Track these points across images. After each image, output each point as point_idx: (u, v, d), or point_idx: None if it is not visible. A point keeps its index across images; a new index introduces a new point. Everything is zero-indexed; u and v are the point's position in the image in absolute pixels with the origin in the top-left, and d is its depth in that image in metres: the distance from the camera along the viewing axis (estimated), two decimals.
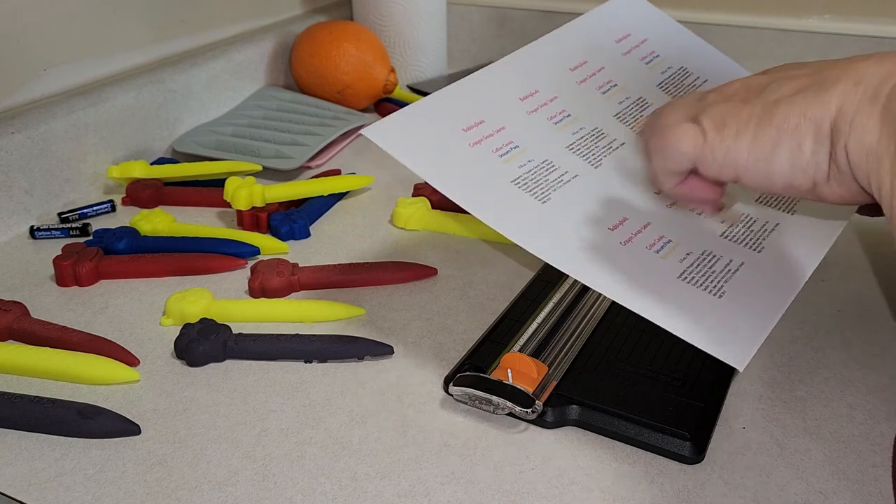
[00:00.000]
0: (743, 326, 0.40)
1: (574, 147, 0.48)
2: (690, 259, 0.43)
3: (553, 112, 0.49)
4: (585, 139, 0.48)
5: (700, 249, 0.44)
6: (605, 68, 0.53)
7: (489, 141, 0.46)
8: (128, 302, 0.54)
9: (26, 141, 0.62)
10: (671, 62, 0.56)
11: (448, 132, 0.45)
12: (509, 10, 0.99)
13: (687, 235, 0.44)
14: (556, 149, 0.47)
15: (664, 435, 0.40)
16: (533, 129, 0.48)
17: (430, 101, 0.47)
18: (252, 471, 0.40)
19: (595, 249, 0.42)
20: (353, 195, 0.69)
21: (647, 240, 0.43)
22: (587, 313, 0.49)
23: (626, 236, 0.43)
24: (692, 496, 0.38)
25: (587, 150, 0.48)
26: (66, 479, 0.39)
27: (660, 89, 0.54)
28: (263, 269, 0.55)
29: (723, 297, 0.41)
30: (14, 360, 0.47)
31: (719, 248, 0.44)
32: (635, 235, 0.43)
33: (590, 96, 0.51)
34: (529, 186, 0.44)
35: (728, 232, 0.46)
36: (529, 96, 0.49)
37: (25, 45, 0.65)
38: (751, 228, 0.46)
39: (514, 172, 0.45)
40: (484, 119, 0.47)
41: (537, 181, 0.45)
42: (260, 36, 0.87)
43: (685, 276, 0.42)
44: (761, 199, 0.48)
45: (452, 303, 0.53)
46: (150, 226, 0.62)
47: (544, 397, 0.42)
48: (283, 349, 0.48)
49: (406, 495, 0.38)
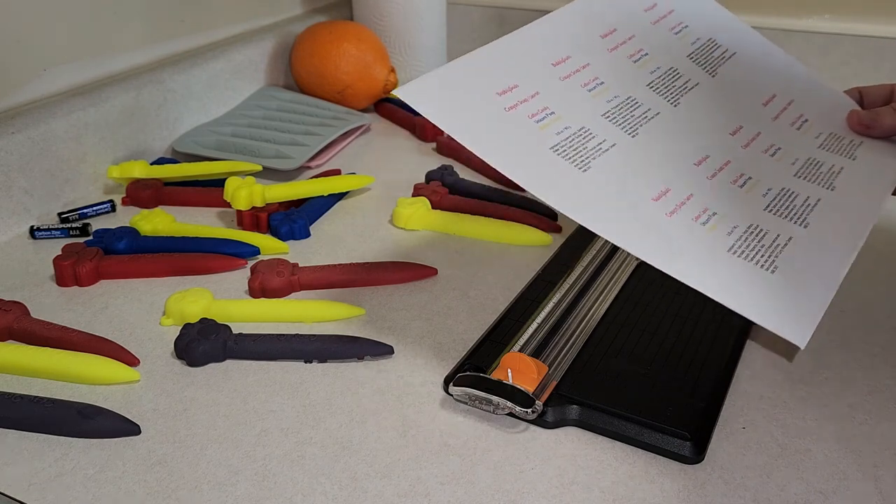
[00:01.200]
0: (800, 302, 0.39)
1: (609, 115, 0.47)
2: (738, 232, 0.42)
3: (586, 79, 0.48)
4: (620, 108, 0.47)
5: (746, 223, 0.43)
6: (635, 37, 0.52)
7: (524, 106, 0.44)
8: (128, 302, 0.54)
9: (26, 141, 0.62)
10: (699, 33, 0.55)
11: (483, 95, 0.44)
12: (509, 10, 0.99)
13: (731, 208, 0.44)
14: (592, 116, 0.46)
15: (664, 435, 0.40)
16: (567, 96, 0.46)
17: (465, 62, 0.45)
18: (252, 471, 0.40)
19: (641, 220, 0.41)
20: (353, 195, 0.69)
21: (693, 211, 0.43)
22: (587, 313, 0.49)
23: (671, 207, 0.43)
24: (692, 496, 0.38)
25: (623, 119, 0.47)
26: (66, 479, 0.39)
27: (690, 60, 0.53)
28: (263, 269, 0.55)
29: (776, 273, 0.41)
30: (14, 360, 0.46)
31: (765, 221, 0.44)
32: (679, 207, 0.42)
33: (621, 64, 0.50)
34: (568, 154, 0.43)
35: (772, 205, 0.45)
36: (562, 62, 0.48)
37: (25, 45, 0.65)
38: (793, 203, 0.46)
39: (552, 139, 0.44)
40: (518, 83, 0.45)
41: (576, 148, 0.44)
42: (260, 36, 0.87)
43: (734, 249, 0.41)
44: (800, 173, 0.48)
45: (452, 303, 0.53)
46: (150, 226, 0.62)
47: (544, 397, 0.42)
48: (283, 349, 0.47)
49: (406, 495, 0.38)
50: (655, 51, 0.52)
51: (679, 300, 0.51)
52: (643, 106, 0.48)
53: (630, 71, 0.50)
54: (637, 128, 0.47)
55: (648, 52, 0.52)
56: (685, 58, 0.53)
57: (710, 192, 0.45)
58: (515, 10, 0.98)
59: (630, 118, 0.47)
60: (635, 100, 0.49)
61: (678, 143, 0.47)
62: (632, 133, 0.47)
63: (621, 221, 0.41)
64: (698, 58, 0.53)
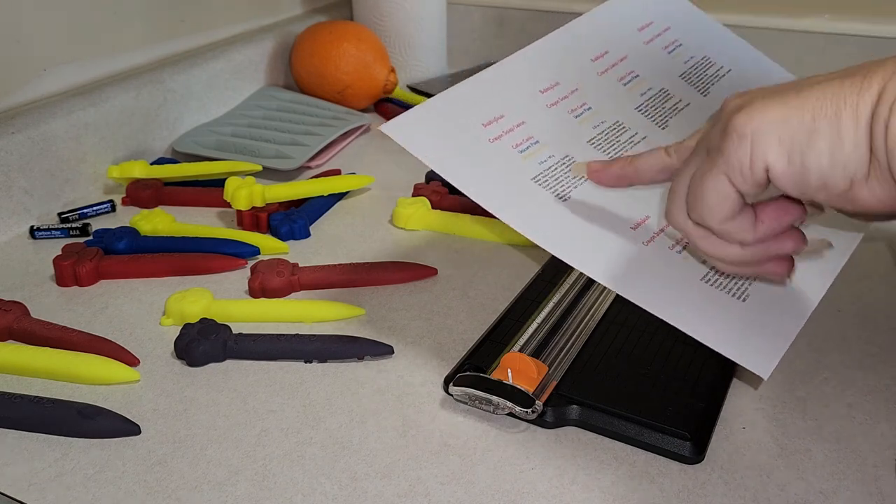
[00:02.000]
0: (767, 333, 0.39)
1: (594, 142, 0.47)
2: None
3: (574, 105, 0.48)
4: (606, 133, 0.48)
5: None
6: (627, 58, 0.52)
7: (509, 136, 0.45)
8: (128, 302, 0.54)
9: (26, 141, 0.62)
10: (693, 51, 0.55)
11: (467, 128, 0.44)
12: (509, 10, 0.99)
13: None
14: (577, 144, 0.46)
15: (664, 435, 0.40)
16: (553, 123, 0.47)
17: (450, 95, 0.46)
18: (252, 471, 0.40)
19: (616, 250, 0.41)
20: (353, 195, 0.69)
21: (669, 240, 0.43)
22: (587, 313, 0.49)
23: (648, 236, 0.43)
24: (692, 496, 0.38)
25: (608, 145, 0.47)
26: (66, 479, 0.39)
27: (682, 80, 0.53)
28: (263, 269, 0.55)
29: (747, 301, 0.41)
30: (14, 360, 0.47)
31: None
32: (657, 235, 0.43)
33: (611, 88, 0.50)
34: (550, 183, 0.44)
35: None
36: (550, 88, 0.48)
37: (25, 45, 0.65)
38: None
39: (534, 169, 0.44)
40: (504, 113, 0.46)
41: (557, 178, 0.44)
42: (260, 36, 0.87)
43: (708, 278, 0.42)
44: None
45: (452, 303, 0.53)
46: (150, 226, 0.62)
47: (544, 397, 0.42)
48: (283, 349, 0.47)
49: (406, 495, 0.38)
50: (647, 71, 0.52)
51: None
52: (630, 130, 0.49)
53: (620, 94, 0.50)
54: (622, 153, 0.47)
55: (640, 74, 0.52)
56: (677, 77, 0.53)
57: None
58: (515, 10, 0.98)
59: (616, 143, 0.47)
60: (622, 124, 0.49)
61: None
62: None
63: (594, 252, 0.41)
64: (691, 77, 0.53)
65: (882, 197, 0.31)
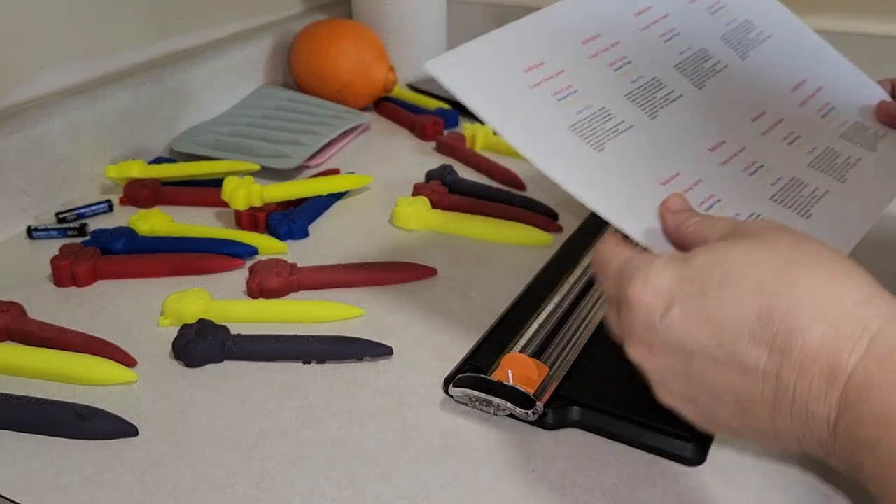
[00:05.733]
0: None
1: (632, 96, 0.47)
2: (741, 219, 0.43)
3: (614, 58, 0.48)
4: (644, 88, 0.47)
5: (748, 212, 0.43)
6: (669, 16, 0.52)
7: (548, 84, 0.45)
8: (125, 302, 0.54)
9: (23, 140, 0.62)
10: (736, 14, 0.55)
11: (509, 72, 0.44)
12: (509, 10, 0.98)
13: (736, 196, 0.44)
14: (614, 96, 0.46)
15: (666, 437, 0.40)
16: (592, 75, 0.47)
17: (494, 38, 0.46)
18: (250, 472, 0.39)
19: (646, 203, 0.41)
20: (352, 195, 0.69)
21: (698, 198, 0.43)
22: (588, 314, 0.49)
23: None
24: (694, 498, 0.38)
25: (644, 100, 0.47)
26: (63, 479, 0.39)
27: (723, 42, 0.53)
28: (262, 270, 0.54)
29: None
30: (11, 361, 0.46)
31: (768, 210, 0.44)
32: (686, 192, 0.42)
33: (651, 44, 0.50)
34: (585, 134, 0.43)
35: (778, 195, 0.45)
36: (591, 40, 0.48)
37: (23, 44, 0.65)
38: (800, 193, 0.46)
39: (571, 118, 0.44)
40: (545, 61, 0.45)
41: (593, 129, 0.44)
42: (259, 34, 0.87)
43: None
44: (814, 163, 0.48)
45: (452, 303, 0.53)
46: (147, 226, 0.61)
47: (545, 398, 0.42)
48: (282, 350, 0.47)
49: (406, 497, 0.38)
50: (688, 30, 0.52)
51: None
52: (668, 87, 0.48)
53: (659, 51, 0.50)
54: (658, 110, 0.47)
55: (681, 33, 0.52)
56: (718, 39, 0.53)
57: (719, 178, 0.45)
58: (515, 9, 0.98)
59: (652, 99, 0.47)
60: (661, 81, 0.48)
61: (697, 126, 0.47)
62: (651, 115, 0.46)
63: (624, 204, 0.41)
64: (731, 39, 0.53)
65: None
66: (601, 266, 0.36)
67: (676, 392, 0.33)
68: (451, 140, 0.77)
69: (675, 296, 0.31)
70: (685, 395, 0.32)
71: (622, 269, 0.34)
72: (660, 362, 0.32)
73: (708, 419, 0.32)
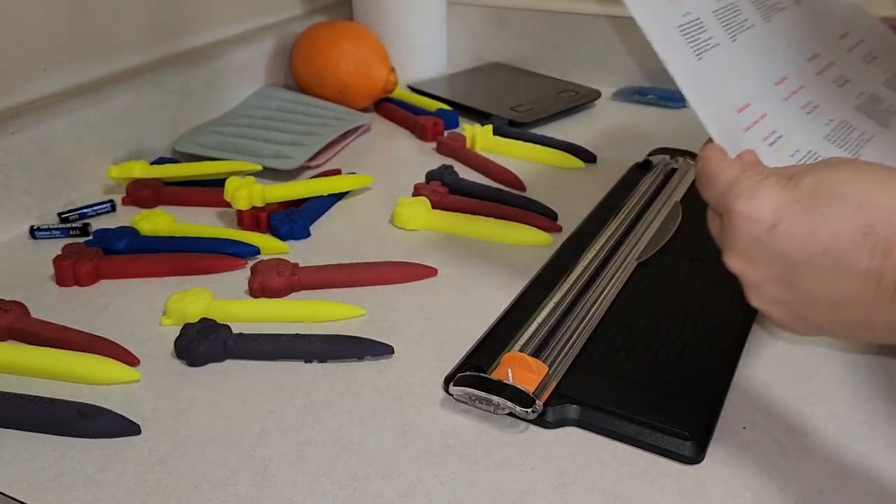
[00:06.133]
0: None
1: (830, 138, 0.47)
2: (798, 157, 0.43)
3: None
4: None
5: (807, 149, 0.44)
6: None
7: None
8: (128, 302, 0.54)
9: (26, 141, 0.62)
10: None
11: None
12: (509, 11, 0.98)
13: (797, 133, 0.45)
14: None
15: (664, 435, 0.40)
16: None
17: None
18: (252, 471, 0.40)
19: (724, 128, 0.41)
20: (353, 195, 0.69)
21: (763, 132, 0.43)
22: (587, 313, 0.49)
23: (747, 123, 0.43)
24: (692, 496, 0.38)
25: (727, 21, 0.47)
26: (65, 478, 0.39)
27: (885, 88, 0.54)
28: (263, 269, 0.55)
29: None
30: (14, 360, 0.46)
31: (824, 149, 0.45)
32: (754, 124, 0.43)
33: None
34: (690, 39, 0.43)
35: (832, 135, 0.46)
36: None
37: (25, 45, 0.65)
38: (850, 135, 0.46)
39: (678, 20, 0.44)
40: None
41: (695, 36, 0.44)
42: (260, 36, 0.87)
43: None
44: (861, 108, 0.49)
45: (452, 303, 0.53)
46: (150, 226, 0.61)
47: (544, 397, 0.42)
48: (284, 349, 0.47)
49: (406, 495, 0.38)
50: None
51: (679, 300, 0.51)
52: (743, 14, 0.48)
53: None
54: (737, 34, 0.47)
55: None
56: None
57: (782, 114, 0.45)
58: (515, 11, 0.98)
59: (732, 23, 0.47)
60: (737, 5, 0.49)
61: (765, 59, 0.47)
62: (732, 38, 0.46)
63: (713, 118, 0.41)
64: None
65: None
66: (707, 179, 0.38)
67: (770, 297, 0.35)
68: (452, 141, 0.77)
69: (782, 213, 0.34)
70: (779, 300, 0.35)
71: (730, 185, 0.36)
72: (759, 272, 0.35)
73: (798, 320, 0.35)
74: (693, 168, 0.70)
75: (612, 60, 0.94)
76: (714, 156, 0.39)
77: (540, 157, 0.76)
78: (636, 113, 0.88)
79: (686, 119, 0.86)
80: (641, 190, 0.65)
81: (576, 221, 0.62)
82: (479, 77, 0.97)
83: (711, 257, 0.55)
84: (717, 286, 0.52)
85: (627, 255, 0.56)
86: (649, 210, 0.62)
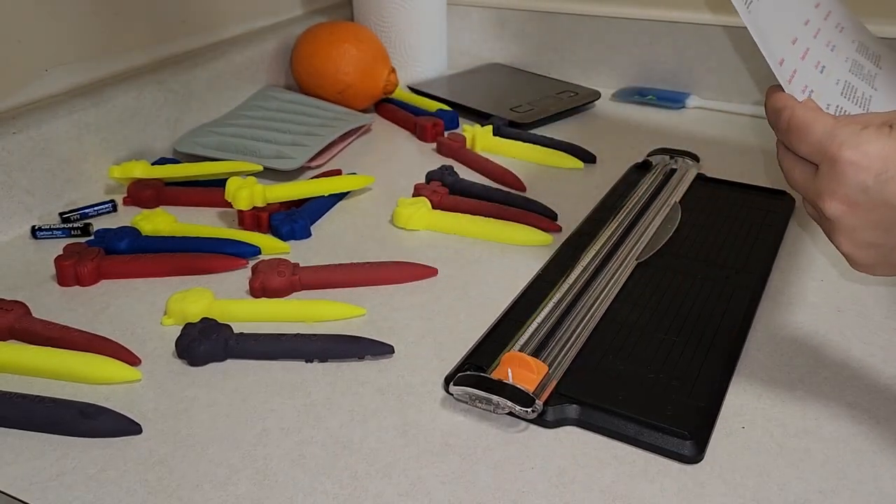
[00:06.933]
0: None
1: (854, 71, 0.49)
2: None
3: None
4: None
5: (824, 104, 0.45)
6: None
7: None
8: (129, 302, 0.54)
9: (28, 141, 0.62)
10: None
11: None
12: (509, 11, 0.99)
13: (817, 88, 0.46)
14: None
15: (664, 434, 0.40)
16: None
17: None
18: (253, 470, 0.40)
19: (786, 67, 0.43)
20: (353, 195, 0.69)
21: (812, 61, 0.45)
22: (587, 313, 0.49)
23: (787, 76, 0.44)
24: (692, 496, 0.38)
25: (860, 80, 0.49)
26: (67, 478, 0.39)
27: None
28: (264, 269, 0.55)
29: None
30: (15, 360, 0.47)
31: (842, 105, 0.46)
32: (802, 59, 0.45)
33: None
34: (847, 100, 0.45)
35: (845, 92, 0.47)
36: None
37: (27, 46, 0.65)
38: (856, 95, 0.47)
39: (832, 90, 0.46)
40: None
41: None
42: (261, 36, 0.88)
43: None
44: (852, 70, 0.50)
45: (452, 303, 0.53)
46: (151, 226, 0.62)
47: (544, 397, 0.42)
48: (284, 349, 0.48)
49: (407, 494, 0.38)
50: None
51: (679, 300, 0.51)
52: (866, 66, 0.50)
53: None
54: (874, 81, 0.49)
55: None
56: None
57: (803, 71, 0.46)
58: (515, 11, 0.98)
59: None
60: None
61: (786, 15, 0.48)
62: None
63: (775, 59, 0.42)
64: None
65: None
66: (799, 129, 0.39)
67: (863, 241, 0.37)
68: (452, 141, 0.77)
69: (889, 161, 0.35)
70: (871, 243, 0.37)
71: (829, 135, 0.37)
72: (861, 216, 0.37)
73: (884, 264, 0.38)
74: (693, 168, 0.70)
75: (612, 61, 0.94)
76: (796, 104, 0.40)
77: (540, 158, 0.76)
78: (636, 113, 0.88)
79: (686, 119, 0.86)
80: (641, 190, 0.65)
81: (575, 221, 0.63)
82: (478, 78, 0.97)
83: (711, 257, 0.55)
84: (717, 286, 0.52)
85: (627, 255, 0.56)
86: (649, 210, 0.62)
